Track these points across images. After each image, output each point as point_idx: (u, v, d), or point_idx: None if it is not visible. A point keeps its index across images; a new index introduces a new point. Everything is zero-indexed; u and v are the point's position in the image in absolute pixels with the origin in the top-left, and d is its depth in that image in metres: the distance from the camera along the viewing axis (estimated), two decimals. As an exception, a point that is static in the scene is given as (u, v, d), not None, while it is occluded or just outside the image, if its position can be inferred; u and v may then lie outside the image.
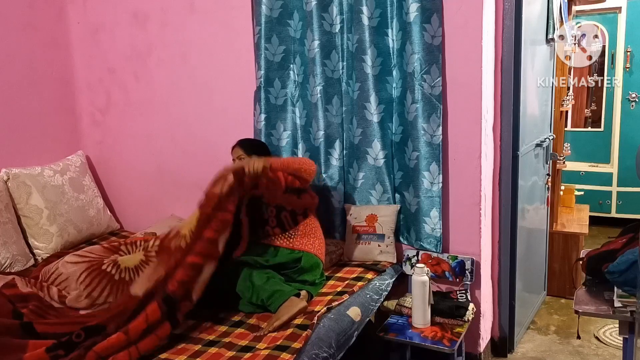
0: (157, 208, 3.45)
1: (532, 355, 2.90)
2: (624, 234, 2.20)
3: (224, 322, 2.16)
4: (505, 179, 2.72)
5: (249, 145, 2.66)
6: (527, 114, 2.90)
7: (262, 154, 2.63)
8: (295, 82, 2.90)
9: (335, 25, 2.70)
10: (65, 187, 3.20)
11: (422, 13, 2.46)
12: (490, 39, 2.54)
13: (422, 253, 2.65)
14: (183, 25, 3.15)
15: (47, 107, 3.41)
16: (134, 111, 3.45)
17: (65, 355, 1.80)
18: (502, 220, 2.74)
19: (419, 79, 2.51)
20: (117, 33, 3.38)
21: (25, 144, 3.28)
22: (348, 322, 2.13)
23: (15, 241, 2.89)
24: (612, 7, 4.75)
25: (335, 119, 2.79)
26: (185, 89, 3.23)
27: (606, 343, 2.97)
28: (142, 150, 3.46)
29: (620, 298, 1.94)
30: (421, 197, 2.60)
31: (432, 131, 2.53)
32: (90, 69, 3.52)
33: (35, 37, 3.30)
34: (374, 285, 2.46)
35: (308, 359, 1.86)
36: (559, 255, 3.62)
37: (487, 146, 2.60)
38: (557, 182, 3.78)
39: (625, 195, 4.92)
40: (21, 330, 1.94)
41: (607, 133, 5.03)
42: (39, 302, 2.18)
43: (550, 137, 3.38)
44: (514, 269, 2.81)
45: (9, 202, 2.97)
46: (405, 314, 2.48)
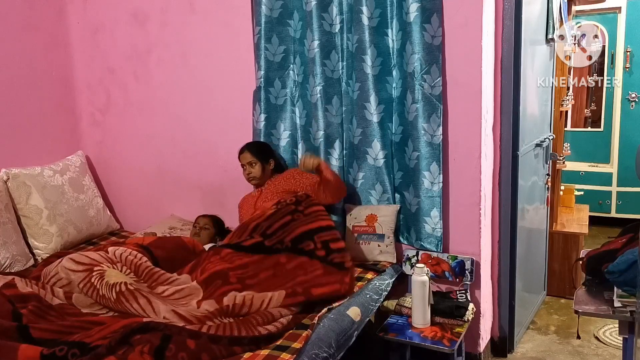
0: (157, 208, 3.45)
1: (532, 355, 2.90)
2: (623, 234, 2.20)
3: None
4: (505, 179, 2.72)
5: (256, 149, 2.82)
6: (527, 114, 2.90)
7: (270, 155, 2.83)
8: (295, 82, 2.90)
9: (335, 25, 2.70)
10: (65, 187, 3.20)
11: (422, 13, 2.46)
12: (490, 39, 2.54)
13: (422, 253, 2.65)
14: (183, 25, 3.15)
15: (47, 107, 3.41)
16: (133, 111, 3.45)
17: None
18: (502, 220, 2.74)
19: (419, 79, 2.51)
20: (117, 33, 3.38)
21: (25, 144, 3.28)
22: (348, 322, 2.13)
23: (15, 241, 2.89)
24: (612, 7, 4.75)
25: (335, 119, 2.79)
26: (185, 89, 3.23)
27: (606, 343, 2.97)
28: (142, 150, 3.46)
29: (620, 298, 1.94)
30: (421, 197, 2.60)
31: (432, 131, 2.53)
32: (90, 69, 3.52)
33: (35, 37, 3.30)
34: (373, 285, 2.46)
35: (308, 359, 1.86)
36: (558, 255, 3.62)
37: (487, 146, 2.60)
38: (557, 182, 3.78)
39: (625, 195, 4.92)
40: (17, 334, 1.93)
41: (606, 133, 5.03)
42: (39, 302, 2.17)
43: (550, 137, 3.38)
44: (513, 269, 2.81)
45: (9, 202, 2.97)
46: (405, 314, 2.48)
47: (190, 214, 3.24)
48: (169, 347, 1.77)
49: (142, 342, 1.79)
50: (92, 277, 2.25)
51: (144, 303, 2.11)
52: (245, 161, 2.80)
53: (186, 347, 1.78)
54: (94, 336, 1.87)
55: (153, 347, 1.77)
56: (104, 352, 1.77)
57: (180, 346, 1.78)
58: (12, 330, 1.93)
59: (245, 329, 1.92)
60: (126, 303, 2.12)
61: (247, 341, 1.86)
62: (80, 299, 2.26)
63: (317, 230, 2.40)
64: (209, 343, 1.82)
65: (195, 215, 3.15)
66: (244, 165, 2.80)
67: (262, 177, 2.79)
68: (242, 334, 1.89)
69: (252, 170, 2.78)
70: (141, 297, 2.13)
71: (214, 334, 1.88)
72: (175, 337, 1.82)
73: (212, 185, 3.25)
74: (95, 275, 2.25)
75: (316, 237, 2.38)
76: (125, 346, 1.80)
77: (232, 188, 3.10)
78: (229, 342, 1.85)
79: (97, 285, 2.22)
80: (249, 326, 1.95)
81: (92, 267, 2.30)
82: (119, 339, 1.80)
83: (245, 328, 1.93)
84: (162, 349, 1.77)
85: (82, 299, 2.26)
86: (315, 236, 2.38)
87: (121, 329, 1.87)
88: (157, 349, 1.77)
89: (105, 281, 2.21)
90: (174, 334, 1.83)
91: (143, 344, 1.78)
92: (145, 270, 2.34)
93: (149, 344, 1.78)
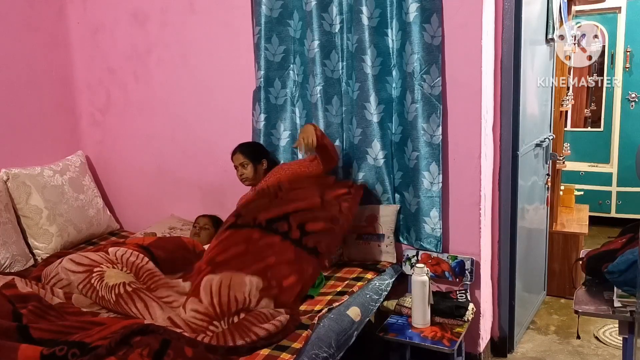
0: (157, 208, 3.45)
1: (531, 355, 2.90)
2: (623, 233, 2.20)
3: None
4: (505, 179, 2.72)
5: (248, 150, 2.81)
6: (526, 114, 2.90)
7: (262, 155, 2.82)
8: (295, 82, 2.90)
9: (335, 25, 2.70)
10: (65, 187, 3.20)
11: (421, 13, 2.46)
12: (490, 39, 2.54)
13: (421, 253, 2.65)
14: (183, 26, 3.15)
15: (47, 107, 3.41)
16: (133, 111, 3.45)
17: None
18: (501, 220, 2.74)
19: (419, 79, 2.51)
20: (117, 33, 3.38)
21: (25, 144, 3.28)
22: (348, 322, 2.13)
23: (15, 241, 2.89)
24: (612, 7, 4.75)
25: (335, 119, 2.79)
26: (185, 89, 3.23)
27: (606, 343, 2.97)
28: (142, 150, 3.46)
29: (620, 298, 1.94)
30: (421, 197, 2.60)
31: (431, 131, 2.53)
32: (90, 69, 3.52)
33: (35, 37, 3.31)
34: (373, 285, 2.46)
35: (308, 359, 1.86)
36: (558, 255, 3.62)
37: (487, 146, 2.60)
38: (556, 182, 3.78)
39: (624, 195, 4.92)
40: (17, 334, 1.93)
41: (606, 133, 5.03)
42: (39, 302, 2.17)
43: (550, 137, 3.38)
44: (513, 269, 2.81)
45: (9, 202, 2.97)
46: (405, 314, 2.48)
47: (190, 214, 3.24)
48: (168, 353, 1.77)
49: (142, 344, 1.79)
50: (91, 279, 2.26)
51: (142, 307, 2.12)
52: (237, 162, 2.80)
53: (184, 354, 1.78)
54: (94, 336, 1.87)
55: (152, 350, 1.77)
56: (104, 353, 1.76)
57: (178, 353, 1.78)
58: (12, 330, 1.93)
59: (240, 334, 1.90)
60: (125, 306, 2.14)
61: (245, 350, 1.85)
62: (80, 299, 2.26)
63: (294, 211, 2.38)
64: (206, 352, 1.83)
65: (195, 215, 3.15)
66: (237, 166, 2.81)
67: (255, 178, 2.78)
68: (237, 343, 1.87)
69: (245, 172, 2.79)
70: (139, 301, 2.14)
71: (210, 343, 1.88)
72: (174, 342, 1.82)
73: (212, 185, 3.25)
74: (95, 277, 2.26)
75: (291, 218, 2.36)
76: (125, 347, 1.80)
77: (232, 188, 3.09)
78: (226, 351, 1.85)
79: (96, 286, 2.23)
80: (244, 330, 1.93)
81: (92, 269, 2.30)
82: (119, 339, 1.80)
83: (239, 333, 1.91)
84: (161, 353, 1.77)
85: (82, 300, 2.26)
86: (291, 217, 2.37)
87: (121, 330, 1.87)
88: (156, 352, 1.77)
89: (105, 282, 2.22)
90: (173, 340, 1.84)
91: (143, 347, 1.78)
92: (145, 273, 2.35)
93: (148, 347, 1.78)
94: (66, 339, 1.87)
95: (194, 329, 2.02)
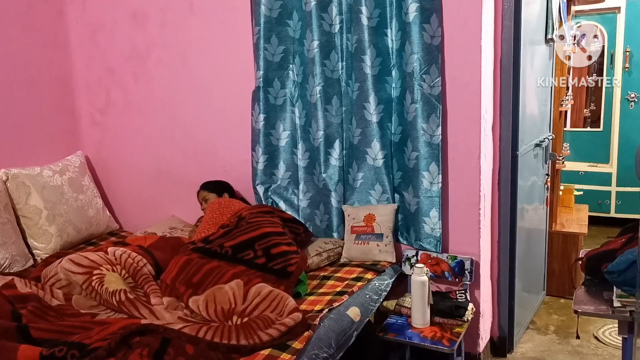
0: (157, 208, 3.45)
1: (531, 355, 2.90)
2: (623, 233, 2.20)
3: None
4: (505, 179, 2.72)
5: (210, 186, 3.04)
6: (526, 114, 2.90)
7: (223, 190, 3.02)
8: (294, 82, 2.90)
9: (335, 26, 2.70)
10: (64, 188, 3.20)
11: (421, 13, 2.46)
12: (489, 39, 2.54)
13: (421, 253, 2.65)
14: (182, 25, 3.15)
15: (47, 107, 3.41)
16: (133, 111, 3.45)
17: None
18: (501, 220, 2.74)
19: (418, 79, 2.51)
20: (117, 33, 3.38)
21: (25, 144, 3.27)
22: (347, 322, 2.13)
23: (14, 241, 2.89)
24: (611, 7, 4.75)
25: (334, 119, 2.79)
26: (185, 89, 3.23)
27: (605, 343, 2.97)
28: (142, 150, 3.46)
29: (620, 298, 1.94)
30: (420, 197, 2.60)
31: (431, 131, 2.53)
32: (90, 69, 3.52)
33: (34, 37, 3.30)
34: (373, 285, 2.46)
35: (308, 359, 1.86)
36: (558, 255, 3.62)
37: (487, 146, 2.60)
38: (556, 182, 3.78)
39: (624, 195, 4.93)
40: (17, 334, 1.93)
41: (606, 133, 5.04)
42: (38, 302, 2.17)
43: (549, 137, 3.38)
44: (513, 269, 2.81)
45: (8, 203, 2.97)
46: (404, 314, 2.48)
47: (190, 215, 3.24)
48: (168, 351, 1.77)
49: (142, 344, 1.79)
50: (92, 282, 2.28)
51: (147, 313, 2.14)
52: (200, 198, 3.05)
53: (185, 352, 1.78)
54: (94, 337, 1.87)
55: (152, 350, 1.77)
56: (104, 354, 1.76)
57: (179, 351, 1.78)
58: (12, 330, 1.93)
59: (245, 335, 1.90)
60: (128, 312, 2.16)
61: (246, 351, 1.85)
62: (80, 300, 2.27)
63: (259, 237, 2.44)
64: (208, 350, 1.82)
65: (195, 216, 3.15)
66: (201, 202, 3.05)
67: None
68: (240, 342, 1.87)
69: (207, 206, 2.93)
70: (143, 308, 2.16)
71: (212, 340, 1.87)
72: (175, 341, 1.82)
73: (212, 186, 3.25)
74: (95, 279, 2.28)
75: (257, 245, 2.41)
76: (124, 348, 1.80)
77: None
78: (227, 349, 1.84)
79: (98, 289, 2.26)
80: (249, 331, 1.92)
81: (91, 270, 2.31)
82: (118, 340, 1.80)
83: (244, 333, 1.91)
84: (161, 352, 1.77)
85: (82, 301, 2.27)
86: (257, 244, 2.41)
87: (120, 331, 1.87)
88: (156, 352, 1.77)
89: (105, 287, 2.24)
90: (173, 338, 1.83)
91: (142, 347, 1.78)
92: (141, 278, 2.39)
93: (148, 347, 1.78)
94: (66, 340, 1.87)
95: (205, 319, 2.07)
